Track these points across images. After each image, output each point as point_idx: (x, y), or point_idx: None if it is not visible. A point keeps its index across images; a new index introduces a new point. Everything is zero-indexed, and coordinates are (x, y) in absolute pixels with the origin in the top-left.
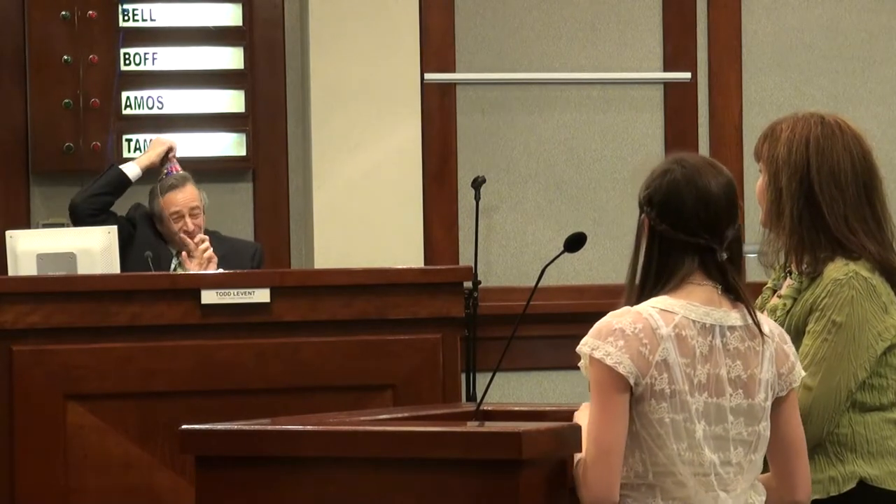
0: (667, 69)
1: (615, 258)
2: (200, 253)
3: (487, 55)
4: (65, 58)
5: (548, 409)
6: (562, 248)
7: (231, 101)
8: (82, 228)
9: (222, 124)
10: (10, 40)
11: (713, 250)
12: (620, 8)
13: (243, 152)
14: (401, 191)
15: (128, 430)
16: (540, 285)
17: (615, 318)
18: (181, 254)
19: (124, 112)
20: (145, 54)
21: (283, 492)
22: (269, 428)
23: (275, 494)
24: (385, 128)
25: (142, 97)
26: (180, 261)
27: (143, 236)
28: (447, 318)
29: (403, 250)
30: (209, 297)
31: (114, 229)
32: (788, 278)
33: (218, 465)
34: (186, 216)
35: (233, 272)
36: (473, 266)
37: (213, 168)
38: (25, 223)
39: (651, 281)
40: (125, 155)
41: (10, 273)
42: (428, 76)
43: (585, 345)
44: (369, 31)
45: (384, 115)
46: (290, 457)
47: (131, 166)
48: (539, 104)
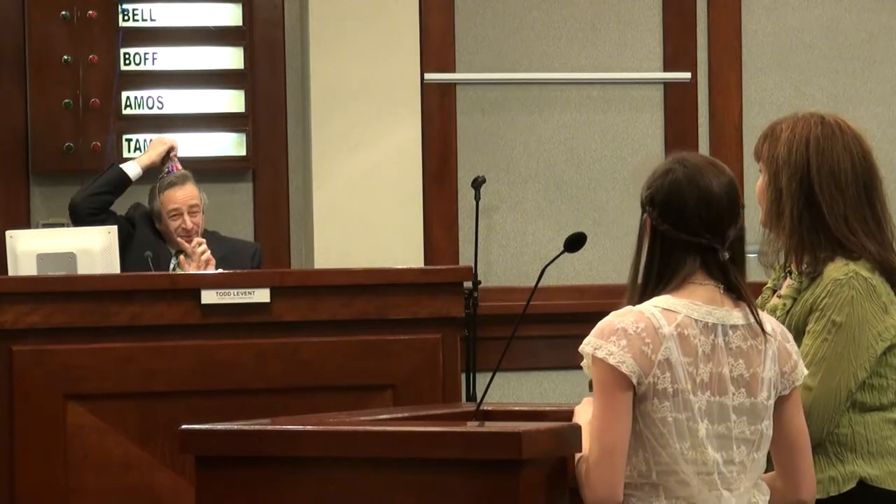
0: (667, 69)
1: (615, 258)
2: (198, 256)
3: (487, 55)
4: (65, 58)
5: (548, 409)
6: (562, 248)
7: (231, 101)
8: (82, 228)
9: (222, 124)
10: (10, 40)
11: (715, 250)
12: (620, 8)
13: (243, 152)
14: (401, 191)
15: (128, 430)
16: (540, 285)
17: (617, 317)
18: (180, 254)
19: (124, 112)
20: (145, 54)
21: (283, 492)
22: (269, 428)
23: (275, 494)
24: (385, 128)
25: (142, 97)
26: (178, 261)
27: (142, 236)
28: (447, 318)
29: (403, 250)
30: (209, 297)
31: (114, 229)
32: (788, 278)
33: (218, 465)
34: (185, 214)
35: (233, 272)
36: (473, 266)
37: (213, 168)
38: (25, 223)
39: (653, 280)
40: (125, 155)
41: (10, 273)
42: (428, 76)
43: (588, 344)
44: (369, 31)
45: (384, 115)
46: (290, 457)
47: (132, 165)
48: (539, 104)
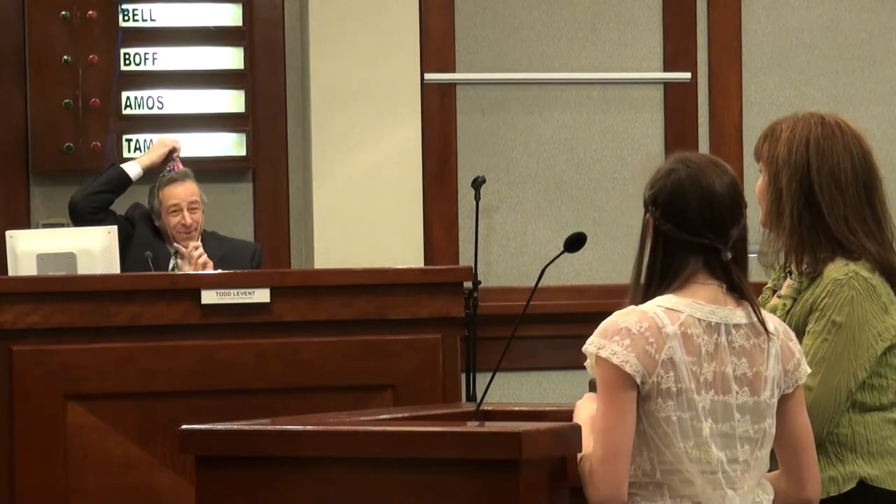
0: (667, 69)
1: (615, 258)
2: (195, 260)
3: (487, 55)
4: (65, 58)
5: (548, 409)
6: (562, 248)
7: (231, 101)
8: (82, 228)
9: (222, 124)
10: (10, 40)
11: (718, 250)
12: (620, 8)
13: (243, 152)
14: (401, 191)
15: (128, 430)
16: (540, 285)
17: (621, 317)
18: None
19: (124, 112)
20: (145, 54)
21: (283, 492)
22: (269, 428)
23: (275, 494)
24: (385, 128)
25: (142, 97)
26: (177, 261)
27: (141, 236)
28: (447, 318)
29: (403, 250)
30: (209, 297)
31: (114, 229)
32: (788, 278)
33: (218, 465)
34: (185, 210)
35: (233, 272)
36: (473, 266)
37: (213, 168)
38: (25, 223)
39: (656, 280)
40: (125, 155)
41: (10, 273)
42: (428, 76)
43: (591, 344)
44: (369, 31)
45: (384, 115)
46: (290, 457)
47: (132, 165)
48: (539, 104)
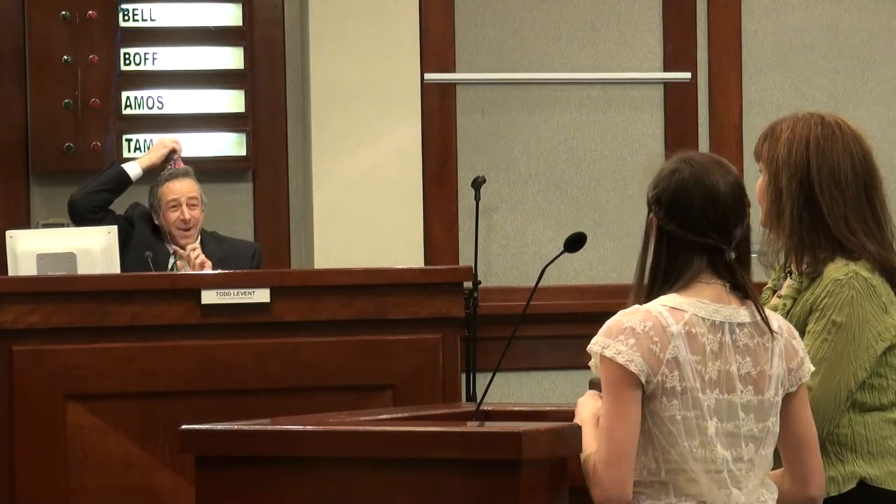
0: (667, 69)
1: (615, 258)
2: (192, 261)
3: (487, 55)
4: (65, 58)
5: (548, 409)
6: (562, 248)
7: (231, 101)
8: (82, 228)
9: (222, 124)
10: (10, 40)
11: (721, 250)
12: (620, 8)
13: (243, 152)
14: (401, 191)
15: (128, 430)
16: (540, 285)
17: (625, 316)
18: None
19: (124, 112)
20: (145, 54)
21: (283, 492)
22: (269, 428)
23: (275, 494)
24: (385, 128)
25: (142, 97)
26: (175, 262)
27: (141, 235)
28: (447, 318)
29: (403, 250)
30: (209, 297)
31: (114, 229)
32: (788, 278)
33: (218, 465)
34: (184, 205)
35: (233, 272)
36: (473, 266)
37: (213, 168)
38: (25, 223)
39: (660, 280)
40: (125, 155)
41: (10, 273)
42: (428, 76)
43: (596, 343)
44: (369, 31)
45: (384, 115)
46: (290, 457)
47: (132, 165)
48: (539, 104)
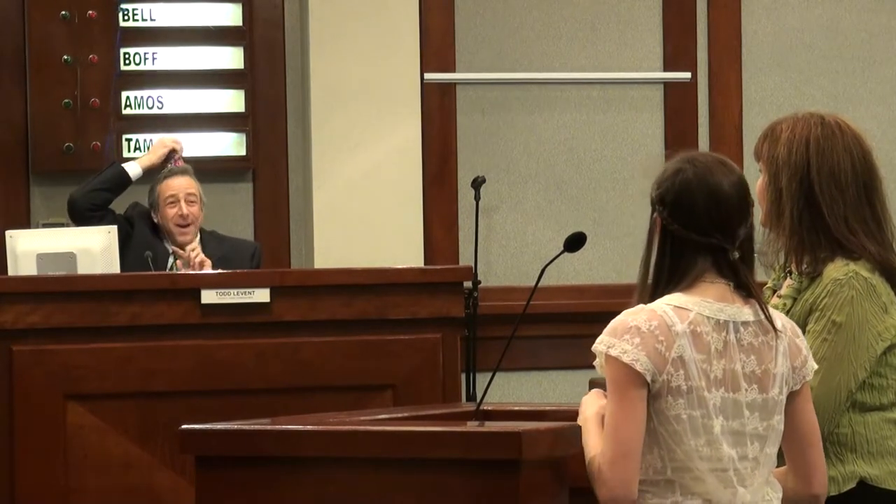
0: (667, 69)
1: (615, 258)
2: (192, 260)
3: (487, 55)
4: (65, 58)
5: (548, 409)
6: (562, 248)
7: (231, 101)
8: (82, 228)
9: (222, 124)
10: (10, 40)
11: (725, 250)
12: (620, 8)
13: (243, 152)
14: (401, 191)
15: (128, 430)
16: (540, 285)
17: (630, 315)
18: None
19: (124, 112)
20: (145, 54)
21: (283, 492)
22: (269, 428)
23: (275, 494)
24: (385, 128)
25: (142, 97)
26: (175, 261)
27: (140, 235)
28: (447, 318)
29: (403, 250)
30: (209, 297)
31: (114, 229)
32: (788, 278)
33: (218, 465)
34: (182, 201)
35: (233, 272)
36: (473, 266)
37: (213, 168)
38: (25, 223)
39: (664, 280)
40: (125, 155)
41: (10, 273)
42: (428, 76)
43: (601, 343)
44: (369, 31)
45: (384, 115)
46: (290, 457)
47: (133, 165)
48: (539, 104)
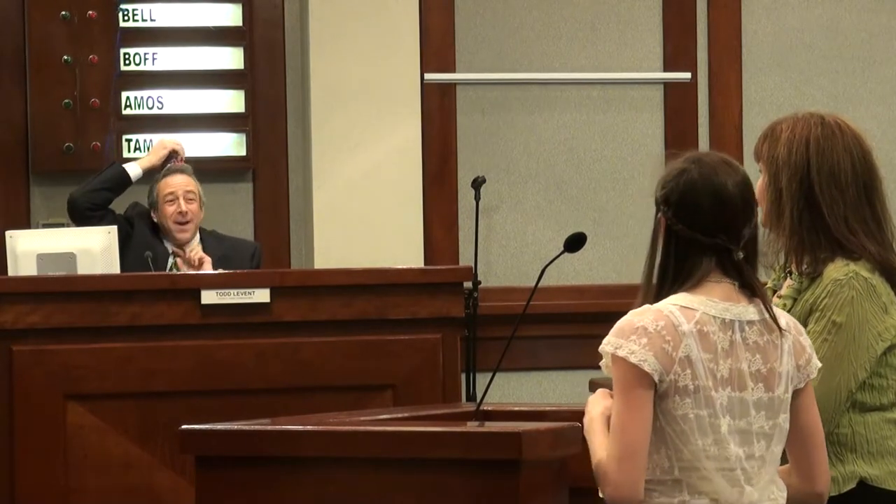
0: (667, 69)
1: (615, 258)
2: (192, 258)
3: (487, 55)
4: (65, 58)
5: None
6: (562, 248)
7: (231, 101)
8: (82, 228)
9: (222, 124)
10: (10, 40)
11: (730, 250)
12: (620, 8)
13: (243, 152)
14: (401, 191)
15: (128, 430)
16: (540, 285)
17: (636, 316)
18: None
19: (124, 112)
20: (145, 54)
21: (283, 492)
22: (269, 428)
23: (275, 494)
24: (385, 128)
25: (142, 97)
26: (175, 261)
27: (140, 235)
28: (447, 318)
29: (403, 250)
30: (209, 297)
31: (114, 229)
32: (788, 278)
33: (218, 465)
34: (181, 198)
35: (233, 272)
36: (473, 266)
37: (213, 168)
38: (25, 223)
39: (669, 280)
40: (125, 155)
41: (10, 273)
42: (428, 76)
43: (608, 344)
44: (369, 31)
45: (384, 115)
46: (290, 457)
47: (133, 166)
48: (539, 104)
